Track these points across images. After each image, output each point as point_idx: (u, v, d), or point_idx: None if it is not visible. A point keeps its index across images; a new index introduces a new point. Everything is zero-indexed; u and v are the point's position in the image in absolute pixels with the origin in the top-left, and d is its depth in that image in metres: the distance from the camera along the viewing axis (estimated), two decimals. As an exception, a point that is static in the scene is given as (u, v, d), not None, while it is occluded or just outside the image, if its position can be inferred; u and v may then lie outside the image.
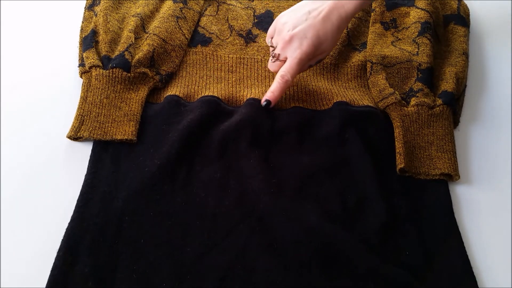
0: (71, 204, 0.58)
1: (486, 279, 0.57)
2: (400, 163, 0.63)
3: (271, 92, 0.65)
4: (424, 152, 0.65)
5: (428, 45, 0.71)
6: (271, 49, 0.68)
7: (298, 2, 0.80)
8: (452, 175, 0.63)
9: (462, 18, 0.77)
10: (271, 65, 0.68)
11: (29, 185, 0.62)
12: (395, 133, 0.65)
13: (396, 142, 0.65)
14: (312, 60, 0.67)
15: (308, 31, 0.63)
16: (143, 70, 0.68)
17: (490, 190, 0.64)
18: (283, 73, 0.65)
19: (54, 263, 0.54)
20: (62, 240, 0.55)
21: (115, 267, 0.55)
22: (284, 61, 0.66)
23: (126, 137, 0.63)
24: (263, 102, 0.66)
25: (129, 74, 0.67)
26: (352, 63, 0.74)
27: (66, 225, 0.57)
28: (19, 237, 0.58)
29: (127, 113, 0.65)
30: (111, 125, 0.64)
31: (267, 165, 0.63)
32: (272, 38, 0.68)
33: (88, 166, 0.62)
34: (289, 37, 0.64)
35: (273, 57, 0.67)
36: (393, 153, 0.64)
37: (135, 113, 0.66)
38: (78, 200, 0.59)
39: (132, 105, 0.66)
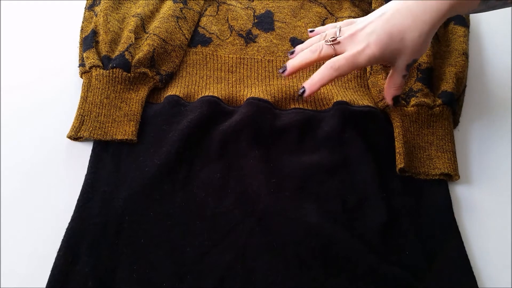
0: (71, 204, 0.59)
1: (486, 279, 0.58)
2: (400, 163, 0.63)
3: (311, 80, 0.58)
4: (424, 152, 0.65)
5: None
6: (334, 33, 0.60)
7: (298, 2, 0.80)
8: (452, 175, 0.63)
9: (462, 18, 0.77)
10: (324, 47, 0.59)
11: (29, 185, 0.62)
12: (395, 133, 0.65)
13: (396, 142, 0.65)
14: (396, 61, 0.58)
15: (377, 27, 0.56)
16: (143, 70, 0.68)
17: (490, 190, 0.64)
18: (332, 63, 0.57)
19: (54, 263, 0.54)
20: (63, 240, 0.56)
21: (115, 267, 0.55)
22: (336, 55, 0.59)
23: (126, 137, 0.63)
24: (299, 90, 0.59)
25: (129, 74, 0.67)
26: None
27: (66, 225, 0.57)
28: (19, 237, 0.58)
29: (127, 113, 0.65)
30: (111, 125, 0.64)
31: (267, 165, 0.63)
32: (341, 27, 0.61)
33: (88, 166, 0.62)
34: (355, 31, 0.57)
35: (331, 40, 0.58)
36: (393, 153, 0.64)
37: (135, 113, 0.66)
38: (78, 200, 0.59)
39: (132, 105, 0.66)
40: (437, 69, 0.71)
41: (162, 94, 0.70)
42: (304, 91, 0.58)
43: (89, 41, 0.70)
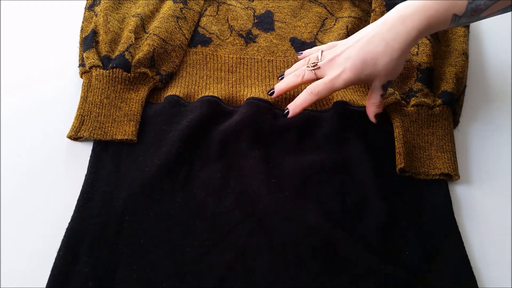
0: (71, 204, 0.59)
1: (486, 279, 0.58)
2: (400, 163, 0.63)
3: (294, 104, 0.63)
4: (424, 152, 0.65)
5: (428, 45, 0.71)
6: (317, 57, 0.64)
7: (298, 2, 0.80)
8: (452, 175, 0.63)
9: (462, 18, 0.77)
10: (306, 72, 0.64)
11: (29, 185, 0.62)
12: (395, 133, 0.65)
13: (396, 142, 0.65)
14: (373, 92, 0.63)
15: (352, 53, 0.60)
16: (143, 70, 0.68)
17: (490, 190, 0.64)
18: (312, 89, 0.61)
19: (55, 263, 0.54)
20: (63, 240, 0.56)
21: (115, 267, 0.55)
22: (317, 79, 0.63)
23: (126, 137, 0.63)
24: (284, 111, 0.64)
25: (129, 74, 0.67)
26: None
27: (66, 225, 0.57)
28: (19, 237, 0.58)
29: (127, 113, 0.65)
30: (111, 125, 0.64)
31: (267, 165, 0.63)
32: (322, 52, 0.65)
33: (88, 166, 0.62)
34: (333, 56, 0.62)
35: (312, 65, 0.63)
36: (392, 153, 0.64)
37: (135, 113, 0.66)
38: (78, 200, 0.59)
39: (132, 105, 0.66)
40: (437, 69, 0.71)
41: (162, 94, 0.70)
42: (288, 112, 0.63)
43: (89, 41, 0.70)
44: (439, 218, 0.61)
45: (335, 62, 0.61)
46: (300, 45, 0.75)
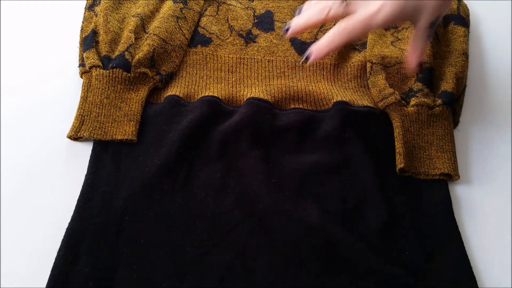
0: (71, 204, 0.58)
1: (486, 279, 0.58)
2: (400, 163, 0.63)
3: (319, 45, 0.53)
4: (424, 152, 0.65)
5: (428, 45, 0.71)
6: None
7: (298, 3, 0.80)
8: (452, 175, 0.63)
9: (462, 18, 0.77)
10: (333, 7, 0.54)
11: (29, 185, 0.62)
12: (394, 133, 0.65)
13: (396, 142, 0.65)
14: (418, 19, 0.53)
15: None
16: (143, 70, 0.68)
17: (490, 190, 0.64)
18: (344, 26, 0.52)
19: (54, 263, 0.54)
20: (62, 240, 0.56)
21: (115, 267, 0.55)
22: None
23: (126, 137, 0.63)
24: (305, 56, 0.55)
25: (129, 74, 0.67)
26: (352, 63, 0.74)
27: (66, 225, 0.57)
28: (19, 237, 0.58)
29: (127, 113, 0.65)
30: (111, 125, 0.64)
31: (267, 165, 0.63)
32: None
33: (88, 166, 0.62)
34: None
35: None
36: (393, 153, 0.64)
37: (135, 113, 0.66)
38: (78, 200, 0.59)
39: (132, 105, 0.66)
40: (437, 69, 0.71)
41: (162, 94, 0.70)
42: (309, 56, 0.55)
43: (89, 41, 0.70)
44: (439, 218, 0.60)
45: None
46: (300, 45, 0.75)
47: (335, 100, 0.68)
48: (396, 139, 0.65)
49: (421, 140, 0.65)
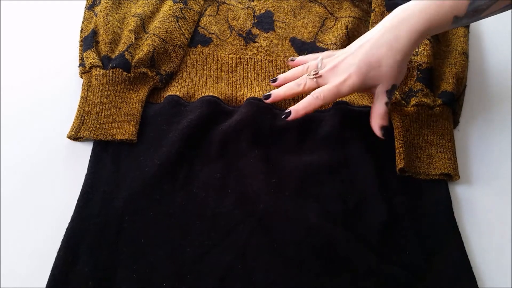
0: (71, 204, 0.58)
1: (486, 279, 0.57)
2: (400, 163, 0.63)
3: (297, 106, 0.62)
4: (424, 152, 0.65)
5: (428, 45, 0.71)
6: (316, 65, 0.64)
7: (298, 2, 0.80)
8: (452, 175, 0.63)
9: (462, 18, 0.77)
10: (308, 81, 0.63)
11: (29, 185, 0.62)
12: (394, 133, 0.65)
13: (396, 142, 0.64)
14: (378, 99, 0.61)
15: (356, 58, 0.60)
16: (143, 70, 0.68)
17: (490, 190, 0.64)
18: (318, 93, 0.61)
19: (55, 263, 0.54)
20: (63, 240, 0.56)
21: (115, 267, 0.55)
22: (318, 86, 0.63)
23: (126, 137, 0.63)
24: (285, 113, 0.62)
25: (129, 74, 0.67)
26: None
27: (66, 225, 0.57)
28: (19, 237, 0.58)
29: (127, 113, 0.65)
30: (111, 125, 0.64)
31: (267, 165, 0.63)
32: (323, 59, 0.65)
33: (88, 166, 0.62)
34: (336, 63, 0.62)
35: (314, 74, 0.63)
36: (393, 153, 0.64)
37: (135, 113, 0.66)
38: (78, 200, 0.59)
39: (132, 105, 0.66)
40: (437, 69, 0.71)
41: (162, 94, 0.70)
42: (289, 115, 0.62)
43: (89, 41, 0.70)
44: (439, 218, 0.60)
45: (338, 69, 0.61)
46: (300, 45, 0.75)
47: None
48: (396, 139, 0.65)
49: (421, 140, 0.65)
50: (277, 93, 0.64)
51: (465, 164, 0.67)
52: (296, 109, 0.62)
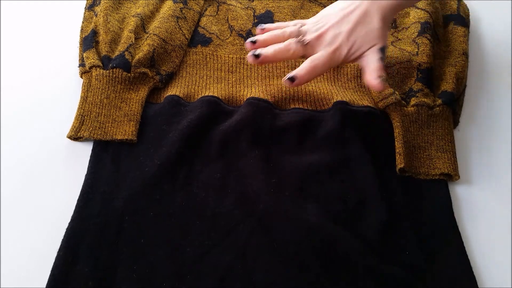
0: (71, 204, 0.58)
1: (486, 279, 0.57)
2: (400, 163, 0.63)
3: (300, 72, 0.61)
4: (424, 152, 0.65)
5: (428, 45, 0.71)
6: (297, 31, 0.63)
7: (298, 2, 0.80)
8: (452, 175, 0.63)
9: (462, 18, 0.77)
10: (295, 46, 0.62)
11: (29, 185, 0.62)
12: (394, 133, 0.65)
13: (396, 142, 0.64)
14: (362, 58, 0.62)
15: (341, 27, 0.61)
16: (143, 70, 0.68)
17: (490, 190, 0.64)
18: (315, 61, 0.61)
19: (54, 263, 0.54)
20: (63, 240, 0.55)
21: (115, 267, 0.55)
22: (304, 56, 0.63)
23: (126, 137, 0.63)
24: (287, 76, 0.61)
25: (129, 74, 0.67)
26: (352, 63, 0.74)
27: (66, 225, 0.57)
28: (19, 237, 0.58)
29: (127, 113, 0.65)
30: (111, 125, 0.64)
31: (267, 165, 0.63)
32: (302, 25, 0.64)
33: (88, 166, 0.62)
34: (321, 33, 0.62)
35: (301, 40, 0.62)
36: (393, 153, 0.64)
37: (135, 113, 0.66)
38: (78, 200, 0.59)
39: (132, 105, 0.66)
40: (437, 69, 0.71)
41: (162, 94, 0.70)
42: (294, 80, 0.61)
43: (89, 41, 0.70)
44: (439, 218, 0.61)
45: (325, 38, 0.61)
46: (300, 45, 0.75)
47: (335, 100, 0.68)
48: (396, 139, 0.65)
49: (421, 140, 0.65)
50: (266, 53, 0.62)
51: (465, 164, 0.66)
52: (300, 75, 0.61)
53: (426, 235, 0.59)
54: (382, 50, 0.61)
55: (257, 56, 0.62)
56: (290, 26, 0.65)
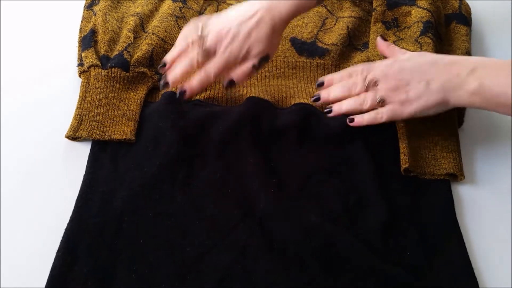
0: (70, 204, 0.58)
1: (487, 279, 0.57)
2: (404, 163, 0.62)
3: (189, 83, 0.63)
4: (429, 152, 0.64)
5: (430, 45, 0.71)
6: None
7: (299, 2, 0.80)
8: (458, 175, 0.63)
9: (464, 17, 0.77)
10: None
11: (28, 185, 0.61)
12: (398, 134, 0.65)
13: (400, 143, 0.64)
14: (248, 61, 0.64)
15: (241, 31, 0.62)
16: (142, 69, 0.68)
17: (492, 190, 0.64)
18: (209, 70, 0.63)
19: (54, 263, 0.54)
20: (61, 240, 0.55)
21: (114, 267, 0.54)
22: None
23: (124, 137, 0.63)
24: (178, 91, 0.63)
25: (127, 74, 0.67)
26: (355, 63, 0.73)
27: (65, 225, 0.57)
28: (18, 237, 0.57)
29: (126, 113, 0.65)
30: (109, 125, 0.64)
31: (267, 165, 0.62)
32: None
33: (86, 166, 0.62)
34: (225, 33, 0.62)
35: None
36: (394, 152, 0.64)
37: (134, 112, 0.65)
38: (77, 201, 0.59)
39: (131, 104, 0.66)
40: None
41: (161, 93, 0.69)
42: (184, 93, 0.63)
43: (87, 40, 0.70)
44: (441, 219, 0.60)
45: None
46: (300, 45, 0.75)
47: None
48: (400, 140, 0.64)
49: (425, 141, 0.65)
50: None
51: (468, 164, 0.66)
52: (188, 86, 0.63)
53: (427, 235, 0.59)
54: (264, 59, 0.64)
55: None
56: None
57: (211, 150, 0.63)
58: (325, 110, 0.66)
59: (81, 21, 0.74)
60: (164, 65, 0.65)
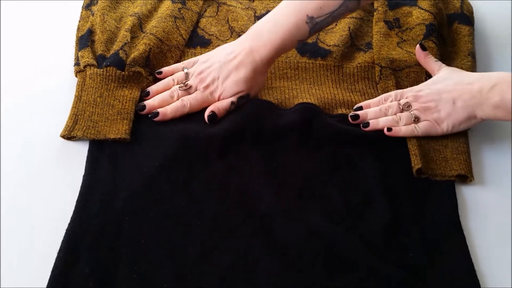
0: (71, 205, 0.58)
1: (489, 280, 0.57)
2: (416, 164, 0.62)
3: (165, 108, 0.66)
4: (439, 154, 0.64)
5: (434, 49, 0.72)
6: (398, 105, 0.68)
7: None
8: (468, 176, 0.63)
9: (466, 17, 0.78)
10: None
11: (27, 185, 0.61)
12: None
13: (409, 144, 0.65)
14: (228, 98, 0.67)
15: (220, 74, 0.66)
16: (137, 69, 0.68)
17: (494, 192, 0.64)
18: (186, 100, 0.66)
19: (55, 264, 0.53)
20: (63, 240, 0.55)
21: (115, 267, 0.54)
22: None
23: (119, 136, 0.63)
24: (152, 112, 0.66)
25: (123, 73, 0.67)
26: (358, 64, 0.74)
27: (66, 225, 0.56)
28: (19, 237, 0.57)
29: (121, 111, 0.65)
30: (104, 124, 0.64)
31: (269, 165, 0.62)
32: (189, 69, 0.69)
33: (85, 166, 0.61)
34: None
35: (184, 85, 0.67)
36: (397, 153, 0.65)
37: (129, 111, 0.65)
38: (77, 201, 0.58)
39: (126, 103, 0.66)
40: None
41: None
42: (156, 115, 0.65)
43: (84, 40, 0.70)
44: (444, 220, 0.60)
45: (204, 81, 0.67)
46: (301, 46, 0.75)
47: (338, 110, 0.69)
48: (409, 142, 0.65)
49: (435, 143, 0.65)
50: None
51: (475, 165, 0.66)
52: (163, 112, 0.65)
53: (430, 236, 0.59)
54: (242, 97, 0.67)
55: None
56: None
57: (212, 150, 0.63)
58: (362, 124, 0.67)
59: (79, 21, 0.74)
60: (147, 94, 0.68)
